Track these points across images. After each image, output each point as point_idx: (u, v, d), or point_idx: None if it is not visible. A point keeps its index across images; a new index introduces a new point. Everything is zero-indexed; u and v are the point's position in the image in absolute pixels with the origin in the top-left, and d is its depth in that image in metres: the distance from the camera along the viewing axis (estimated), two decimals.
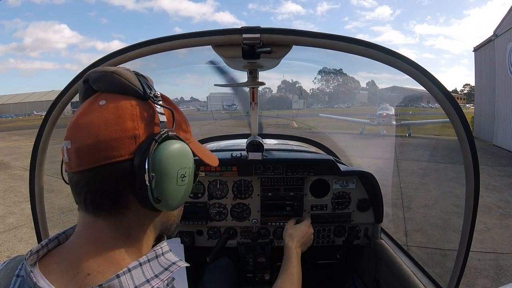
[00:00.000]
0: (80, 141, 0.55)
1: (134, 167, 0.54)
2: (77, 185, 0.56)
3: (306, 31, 0.88)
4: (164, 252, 0.61)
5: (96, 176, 0.54)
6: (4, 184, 8.21)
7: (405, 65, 0.92)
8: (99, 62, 0.98)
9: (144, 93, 0.58)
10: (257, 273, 1.97)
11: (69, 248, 0.57)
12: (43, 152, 1.20)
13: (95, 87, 0.60)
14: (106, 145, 0.53)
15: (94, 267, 0.53)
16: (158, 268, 0.57)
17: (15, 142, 18.39)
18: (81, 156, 0.54)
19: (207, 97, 24.67)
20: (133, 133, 0.55)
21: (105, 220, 0.56)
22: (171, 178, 0.57)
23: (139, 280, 0.53)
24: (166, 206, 0.58)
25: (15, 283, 0.54)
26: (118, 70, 0.59)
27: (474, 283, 3.55)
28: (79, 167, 0.55)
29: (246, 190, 1.94)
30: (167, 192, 0.57)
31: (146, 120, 0.57)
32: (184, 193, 0.62)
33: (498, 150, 12.61)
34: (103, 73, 0.58)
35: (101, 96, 0.58)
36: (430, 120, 19.14)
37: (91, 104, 0.57)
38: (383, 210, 1.95)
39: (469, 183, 1.05)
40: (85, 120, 0.55)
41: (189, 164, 0.61)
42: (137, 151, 0.55)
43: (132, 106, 0.57)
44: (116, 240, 0.57)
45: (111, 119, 0.55)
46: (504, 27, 13.26)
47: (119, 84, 0.57)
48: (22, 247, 4.51)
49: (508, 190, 7.00)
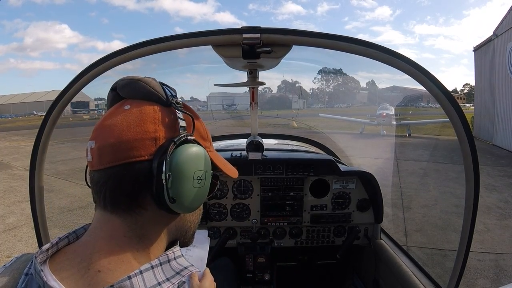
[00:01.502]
0: (103, 141, 0.57)
1: (152, 168, 0.56)
2: (98, 183, 0.58)
3: (306, 31, 0.88)
4: (176, 256, 0.62)
5: (116, 174, 0.56)
6: (4, 184, 8.21)
7: (405, 65, 0.92)
8: (99, 62, 0.98)
9: (166, 99, 0.61)
10: (257, 273, 1.97)
11: (82, 244, 0.58)
12: (43, 152, 1.20)
13: (122, 94, 0.64)
14: (127, 145, 0.56)
15: (105, 264, 0.54)
16: (170, 272, 0.58)
17: (15, 142, 18.39)
18: (103, 155, 0.57)
19: (207, 97, 24.61)
20: (154, 135, 0.58)
21: (121, 218, 0.58)
22: (187, 179, 0.59)
23: (151, 282, 0.54)
24: (181, 207, 0.59)
25: (23, 281, 0.54)
26: (143, 78, 0.63)
27: (474, 283, 3.55)
28: (100, 165, 0.57)
29: (246, 190, 1.94)
30: (183, 192, 0.59)
31: (167, 124, 0.60)
32: (199, 196, 0.63)
33: (498, 150, 12.61)
34: (130, 81, 0.62)
35: (127, 102, 0.62)
36: (430, 120, 19.14)
37: (117, 108, 0.62)
38: (383, 210, 1.95)
39: (469, 183, 1.05)
40: (109, 122, 0.59)
41: (205, 167, 0.62)
42: (156, 153, 0.57)
43: (155, 111, 0.60)
44: (129, 239, 0.58)
45: (134, 122, 0.58)
46: (504, 27, 13.27)
47: (144, 91, 0.61)
48: (22, 247, 4.51)
49: (508, 190, 6.99)
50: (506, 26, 13.05)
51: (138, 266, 0.55)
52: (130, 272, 0.53)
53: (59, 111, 1.13)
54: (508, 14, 12.96)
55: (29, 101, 69.33)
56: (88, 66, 1.01)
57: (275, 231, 2.00)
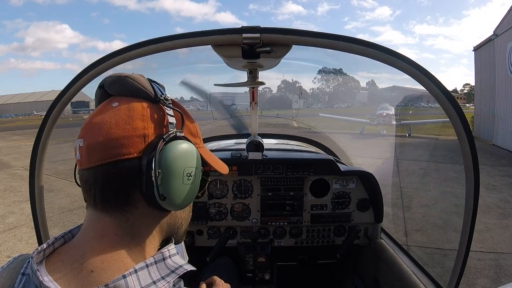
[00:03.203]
0: (91, 139, 0.57)
1: (142, 165, 0.56)
2: (87, 181, 0.58)
3: (306, 30, 0.88)
4: (171, 254, 0.61)
5: (106, 173, 0.56)
6: (4, 183, 8.21)
7: (405, 65, 0.92)
8: (99, 62, 0.98)
9: (155, 96, 0.61)
10: (257, 273, 1.97)
11: (75, 244, 0.58)
12: (43, 152, 1.20)
13: (110, 91, 0.63)
14: (116, 143, 0.56)
15: (98, 263, 0.54)
16: (165, 271, 0.58)
17: (15, 142, 18.39)
18: (92, 153, 0.56)
19: (207, 97, 24.58)
20: (143, 132, 0.57)
21: (112, 216, 0.57)
22: (177, 176, 0.59)
23: (146, 281, 0.54)
24: (171, 204, 0.59)
25: (20, 281, 0.54)
26: (131, 75, 0.62)
27: (474, 283, 3.55)
28: (90, 164, 0.56)
29: (246, 189, 1.94)
30: (173, 189, 0.58)
31: (156, 121, 0.59)
32: (190, 193, 0.62)
33: (498, 150, 12.61)
34: (117, 78, 0.62)
35: (115, 99, 0.61)
36: (430, 120, 19.11)
37: (105, 106, 0.61)
38: (383, 210, 1.95)
39: (469, 183, 1.05)
40: (98, 119, 0.58)
41: (195, 164, 0.62)
42: (145, 150, 0.57)
43: (143, 108, 0.59)
44: (121, 238, 0.57)
45: (123, 119, 0.57)
46: (504, 27, 13.26)
47: (132, 88, 0.60)
48: (22, 246, 4.51)
49: (508, 190, 6.99)
50: (506, 26, 13.04)
51: (132, 265, 0.55)
52: (124, 271, 0.53)
53: (59, 111, 1.13)
54: (508, 13, 12.96)
55: (29, 101, 69.29)
56: (88, 66, 1.00)
57: (275, 230, 2.00)
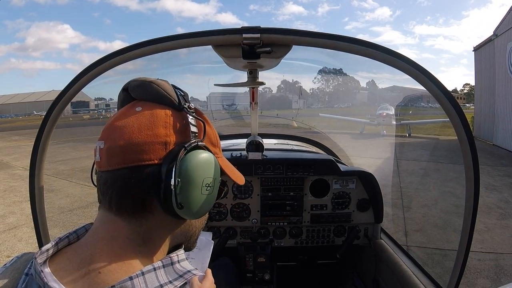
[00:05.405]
0: (113, 142, 0.57)
1: (161, 173, 0.56)
2: (105, 184, 0.57)
3: (306, 31, 0.88)
4: (180, 259, 0.61)
5: (124, 177, 0.56)
6: (4, 183, 8.21)
7: (405, 65, 0.92)
8: (99, 62, 0.98)
9: (179, 103, 0.61)
10: (257, 273, 1.97)
11: (83, 245, 0.57)
12: (43, 152, 1.20)
13: (134, 94, 0.63)
14: (137, 148, 0.56)
15: (106, 265, 0.53)
16: (173, 275, 0.58)
17: (15, 142, 18.38)
18: (112, 156, 0.56)
19: (207, 97, 24.57)
20: (164, 139, 0.57)
21: (126, 220, 0.57)
22: (196, 185, 0.59)
23: (153, 284, 0.53)
24: (188, 213, 0.59)
25: (23, 281, 0.54)
26: (156, 80, 0.62)
27: (474, 283, 3.55)
28: (109, 167, 0.56)
29: (246, 190, 1.94)
30: (191, 199, 0.58)
31: (178, 129, 0.59)
32: (207, 203, 0.62)
33: (498, 150, 12.61)
34: (142, 82, 0.62)
35: (139, 103, 0.61)
36: (430, 120, 19.11)
37: (128, 109, 0.61)
38: (383, 210, 1.95)
39: (469, 183, 1.05)
40: (120, 123, 0.58)
41: (215, 174, 0.62)
42: (166, 157, 0.56)
43: (166, 115, 0.59)
44: (132, 241, 0.57)
45: (145, 124, 0.57)
46: (504, 27, 13.26)
47: (156, 94, 0.60)
48: (22, 246, 4.51)
49: (508, 190, 6.99)
50: (506, 26, 13.04)
51: (140, 268, 0.54)
52: (131, 273, 0.52)
53: (59, 111, 1.13)
54: (508, 14, 12.96)
55: (29, 101, 69.25)
56: (88, 66, 1.01)
57: (275, 231, 2.00)
